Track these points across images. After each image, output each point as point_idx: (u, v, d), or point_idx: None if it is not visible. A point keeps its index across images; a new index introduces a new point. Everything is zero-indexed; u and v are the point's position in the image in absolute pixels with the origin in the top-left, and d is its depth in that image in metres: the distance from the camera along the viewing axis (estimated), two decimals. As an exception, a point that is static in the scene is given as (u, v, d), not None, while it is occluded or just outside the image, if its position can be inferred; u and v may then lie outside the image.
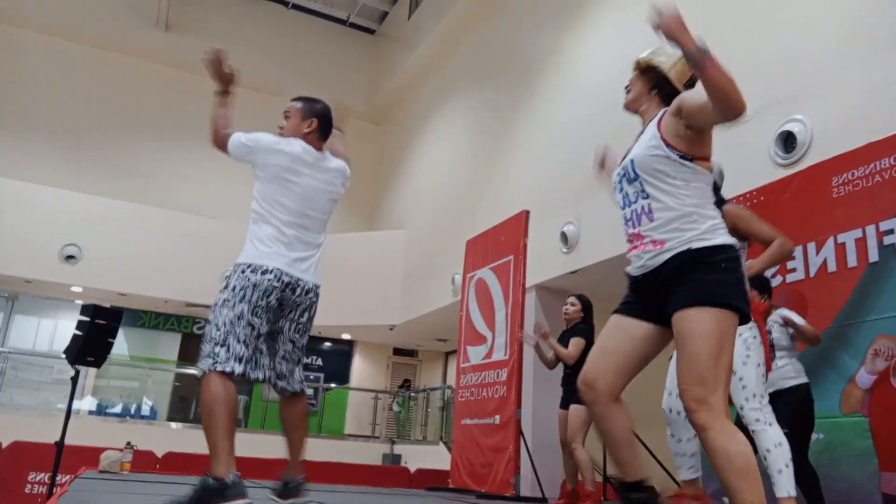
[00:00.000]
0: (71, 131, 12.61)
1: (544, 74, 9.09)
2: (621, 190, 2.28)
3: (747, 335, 3.26)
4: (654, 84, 2.31)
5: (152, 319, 13.30)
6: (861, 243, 4.29)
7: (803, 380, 3.88)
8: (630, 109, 2.37)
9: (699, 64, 1.95)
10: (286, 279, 2.80)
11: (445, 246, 10.22)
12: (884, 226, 4.18)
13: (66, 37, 13.00)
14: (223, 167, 13.27)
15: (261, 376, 2.80)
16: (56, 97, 12.67)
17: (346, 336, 14.23)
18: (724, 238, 2.08)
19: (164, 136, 13.30)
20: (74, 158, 12.49)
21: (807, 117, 5.15)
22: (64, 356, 5.83)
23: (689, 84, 2.30)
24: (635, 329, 2.19)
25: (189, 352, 12.78)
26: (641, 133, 2.27)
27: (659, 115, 2.21)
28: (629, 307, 2.23)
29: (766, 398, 3.19)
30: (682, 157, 2.12)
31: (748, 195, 5.18)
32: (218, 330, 2.69)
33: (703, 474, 3.54)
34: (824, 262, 4.51)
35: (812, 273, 4.57)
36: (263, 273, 2.75)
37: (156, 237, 11.67)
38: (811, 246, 4.60)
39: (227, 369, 2.64)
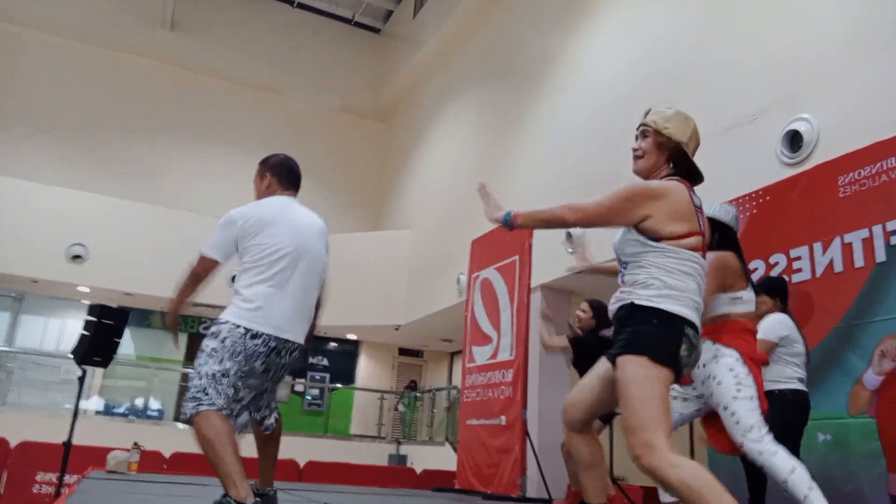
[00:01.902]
0: (76, 131, 12.66)
1: (549, 73, 9.08)
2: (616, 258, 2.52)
3: (739, 371, 3.18)
4: (671, 157, 2.44)
5: (159, 319, 13.32)
6: (868, 243, 4.27)
7: (783, 386, 3.81)
8: (640, 176, 2.48)
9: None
10: (273, 344, 2.85)
11: (451, 246, 10.21)
12: (891, 226, 4.17)
13: (71, 37, 13.05)
14: (229, 167, 13.39)
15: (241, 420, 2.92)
16: (61, 97, 12.72)
17: (351, 336, 14.23)
18: (668, 305, 2.23)
19: (170, 135, 13.34)
20: (80, 158, 12.54)
21: (813, 116, 5.14)
22: (71, 356, 5.85)
23: (695, 146, 2.50)
24: (606, 371, 2.39)
25: (196, 351, 12.74)
26: None
27: None
28: (610, 352, 2.39)
29: (765, 428, 3.08)
30: (646, 237, 2.32)
31: (754, 195, 5.17)
32: (200, 379, 2.78)
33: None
34: (831, 263, 4.49)
35: (818, 273, 4.55)
36: (253, 338, 2.81)
37: (162, 237, 11.69)
38: (817, 246, 4.58)
39: (214, 408, 2.71)
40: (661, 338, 2.20)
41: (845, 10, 5.26)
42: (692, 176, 2.48)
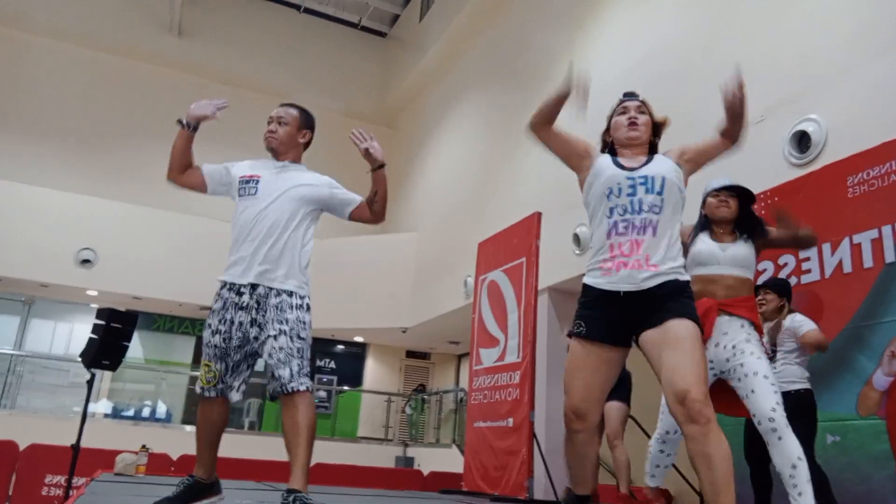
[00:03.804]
0: (85, 136, 12.73)
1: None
2: (633, 194, 2.43)
3: (763, 347, 3.23)
4: (655, 133, 2.67)
5: (167, 323, 13.38)
6: (877, 244, 4.25)
7: (800, 385, 3.83)
8: (633, 143, 2.61)
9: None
10: None
11: (457, 248, 10.22)
12: (900, 226, 4.14)
13: (78, 42, 13.13)
14: (236, 171, 13.34)
15: None
16: (70, 102, 12.79)
17: (358, 339, 14.26)
18: (687, 276, 2.47)
19: (178, 140, 13.39)
20: (89, 163, 12.61)
21: (821, 117, 5.11)
22: (80, 360, 5.88)
23: None
24: (608, 354, 2.41)
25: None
26: (648, 160, 2.54)
27: (665, 155, 2.57)
28: (597, 330, 2.41)
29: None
30: (683, 193, 2.51)
31: (762, 196, 5.14)
32: (308, 349, 2.75)
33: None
34: (840, 263, 4.46)
35: (827, 274, 4.53)
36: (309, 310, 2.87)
37: (170, 241, 11.75)
38: (826, 246, 4.56)
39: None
40: (694, 306, 2.42)
41: (852, 9, 5.24)
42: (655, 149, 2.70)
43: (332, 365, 14.36)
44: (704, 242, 3.36)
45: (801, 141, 5.21)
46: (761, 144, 5.55)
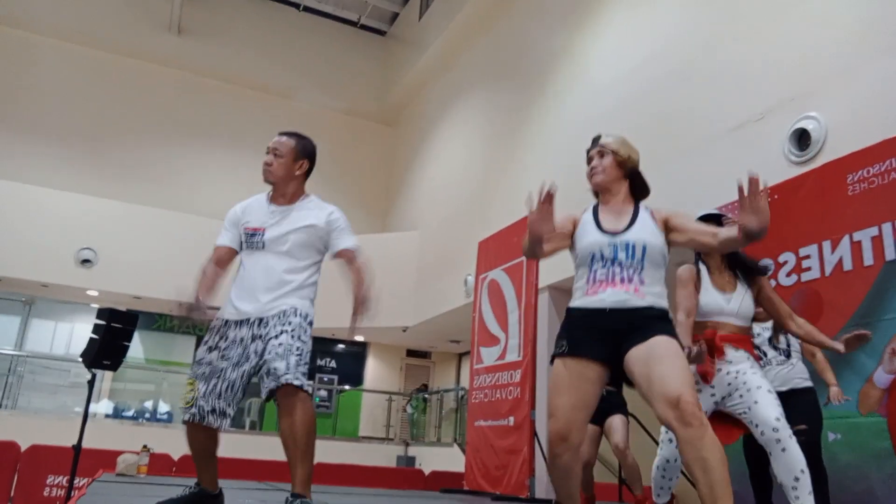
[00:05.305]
0: (85, 136, 12.73)
1: (555, 74, 9.07)
2: (615, 258, 2.52)
3: (759, 369, 3.25)
4: (628, 174, 2.69)
5: (167, 322, 13.38)
6: (877, 241, 4.25)
7: (809, 383, 3.91)
8: (600, 188, 2.70)
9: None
10: None
11: (458, 247, 10.22)
12: (900, 223, 4.14)
13: (79, 42, 13.13)
14: (236, 170, 13.44)
15: None
16: (70, 102, 12.79)
17: (359, 338, 14.26)
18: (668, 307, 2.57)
19: (178, 139, 13.40)
20: (89, 163, 12.60)
21: (821, 114, 5.11)
22: (80, 360, 5.88)
23: None
24: (592, 372, 2.43)
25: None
26: (632, 221, 2.58)
27: (650, 214, 2.58)
28: (580, 347, 2.43)
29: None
30: (666, 255, 2.54)
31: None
32: (307, 353, 2.72)
33: None
34: (840, 261, 4.46)
35: (828, 272, 4.52)
36: (311, 325, 2.89)
37: (170, 240, 11.75)
38: (826, 244, 4.56)
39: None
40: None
41: (852, 8, 5.24)
42: (644, 190, 2.72)
43: (333, 364, 14.36)
44: (709, 294, 3.34)
45: (801, 139, 5.22)
46: (761, 142, 5.55)
